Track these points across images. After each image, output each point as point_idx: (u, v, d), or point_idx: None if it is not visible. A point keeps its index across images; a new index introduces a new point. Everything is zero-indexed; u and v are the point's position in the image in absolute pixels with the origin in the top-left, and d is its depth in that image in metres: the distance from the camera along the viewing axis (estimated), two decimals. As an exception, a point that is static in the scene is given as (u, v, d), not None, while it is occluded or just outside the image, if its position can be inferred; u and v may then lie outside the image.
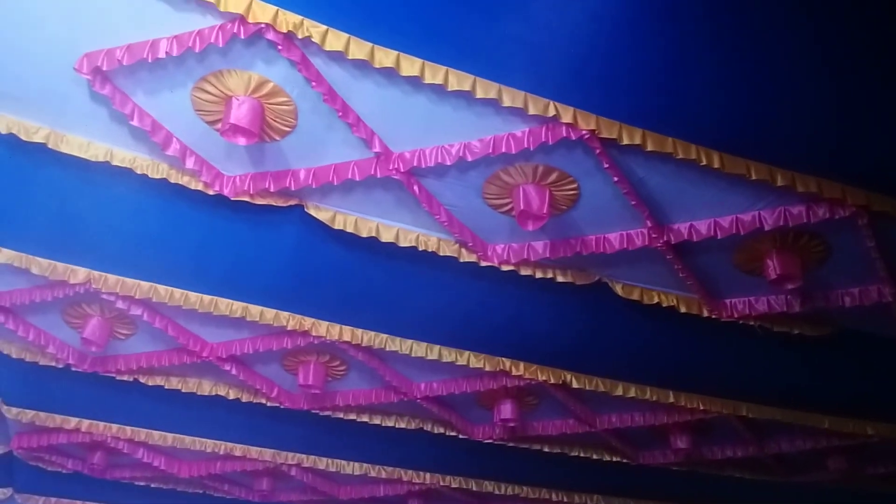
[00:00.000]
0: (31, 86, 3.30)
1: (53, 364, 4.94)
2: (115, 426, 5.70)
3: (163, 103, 3.34)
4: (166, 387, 5.16)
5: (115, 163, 3.54)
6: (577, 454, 5.98)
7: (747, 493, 6.78)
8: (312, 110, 3.30)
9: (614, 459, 6.09)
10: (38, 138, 3.43)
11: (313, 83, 3.09)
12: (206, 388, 5.25)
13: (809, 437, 5.70)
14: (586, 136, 3.22)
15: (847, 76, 3.13)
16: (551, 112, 3.16)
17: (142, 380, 5.09)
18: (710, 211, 3.72)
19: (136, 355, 4.96)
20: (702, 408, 5.19)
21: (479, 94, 3.10)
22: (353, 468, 6.21)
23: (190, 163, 3.55)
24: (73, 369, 4.94)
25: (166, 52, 3.01)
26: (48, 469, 6.42)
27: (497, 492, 6.60)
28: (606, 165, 3.38)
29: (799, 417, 5.35)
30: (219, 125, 3.33)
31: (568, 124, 3.19)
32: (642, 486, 6.73)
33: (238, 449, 5.96)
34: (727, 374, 5.03)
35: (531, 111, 3.15)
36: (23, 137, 3.42)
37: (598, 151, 3.31)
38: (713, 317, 4.36)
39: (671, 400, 5.12)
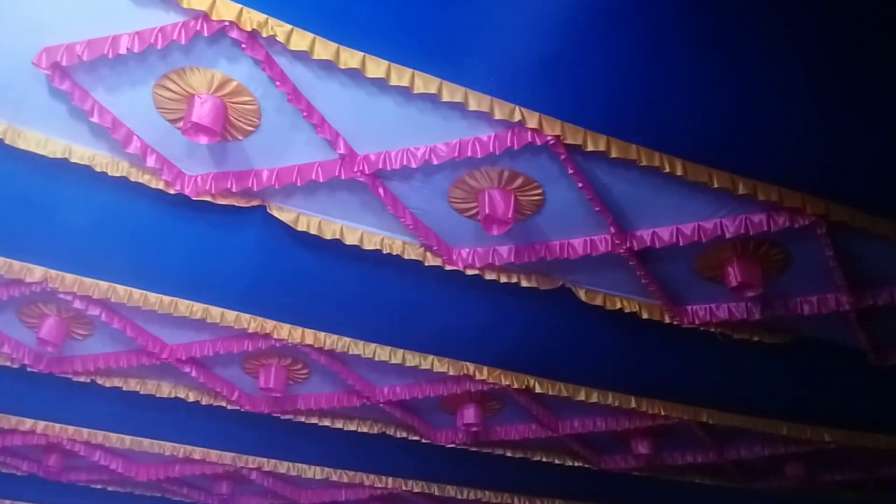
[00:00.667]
0: (-12, 80, 3.23)
1: (8, 364, 4.84)
2: (71, 428, 5.60)
3: (124, 100, 3.28)
4: (124, 388, 5.08)
5: (73, 160, 3.47)
6: (539, 459, 6.02)
7: (707, 499, 6.85)
8: (276, 110, 3.27)
9: (576, 464, 6.13)
10: (-7, 133, 3.36)
11: (277, 83, 3.06)
12: (165, 390, 5.18)
13: (768, 444, 5.78)
14: (551, 142, 3.23)
15: (811, 88, 3.17)
16: (517, 117, 3.16)
17: (99, 381, 5.01)
18: (673, 218, 3.74)
19: (93, 356, 4.88)
20: (663, 413, 5.24)
21: (445, 98, 3.09)
22: (314, 472, 6.18)
23: (151, 161, 3.49)
24: (29, 370, 4.84)
25: (127, 49, 2.95)
26: (2, 471, 6.31)
27: (459, 496, 6.60)
28: (571, 171, 3.39)
29: (758, 424, 5.42)
30: (181, 123, 3.28)
31: (533, 129, 3.19)
32: (604, 491, 6.77)
33: (197, 452, 5.90)
34: (688, 380, 5.08)
35: (497, 115, 3.15)
36: (-22, 133, 3.34)
37: (562, 157, 3.31)
38: (675, 323, 4.40)
39: (633, 405, 5.16)
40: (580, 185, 3.45)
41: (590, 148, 3.24)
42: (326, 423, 5.49)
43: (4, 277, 4.06)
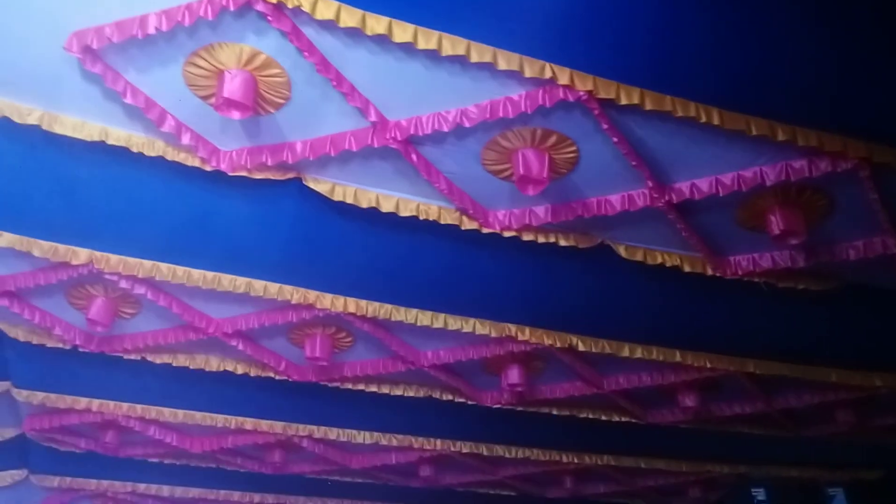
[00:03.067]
0: (22, 67, 3.27)
1: (61, 346, 4.97)
2: (125, 405, 5.75)
3: (155, 80, 3.31)
4: (174, 364, 5.19)
5: (110, 142, 3.52)
6: (585, 416, 6.02)
7: (756, 448, 6.83)
8: (306, 81, 3.27)
9: (623, 420, 6.12)
10: (31, 120, 3.41)
11: (305, 53, 3.05)
12: (214, 364, 5.28)
13: (817, 391, 5.72)
14: (584, 98, 3.19)
15: (845, 26, 3.08)
16: (548, 74, 3.12)
17: (149, 358, 5.12)
18: (712, 168, 3.69)
19: (142, 334, 4.98)
20: (709, 366, 5.20)
21: (474, 59, 3.06)
22: (363, 437, 6.27)
23: (186, 139, 3.52)
24: (81, 350, 4.97)
25: (156, 28, 2.97)
26: (62, 449, 6.50)
27: (508, 455, 6.66)
28: (605, 126, 3.34)
29: (806, 372, 5.36)
30: (212, 100, 3.31)
31: (565, 86, 3.15)
32: (652, 446, 6.78)
33: (249, 423, 6.01)
34: (733, 332, 5.03)
35: (527, 74, 3.11)
36: (16, 120, 3.40)
37: (596, 112, 3.27)
38: (717, 275, 4.35)
39: (678, 359, 5.13)
40: (615, 139, 3.41)
41: (623, 101, 3.19)
42: (373, 388, 5.55)
43: (51, 261, 4.14)
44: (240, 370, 5.32)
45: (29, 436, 6.22)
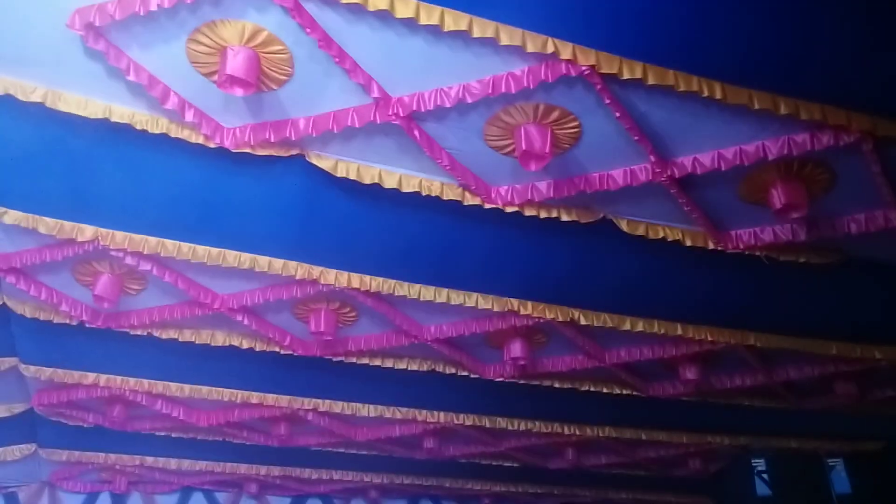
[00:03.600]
0: (25, 45, 3.27)
1: (67, 322, 5.01)
2: (132, 379, 5.82)
3: (158, 57, 3.31)
4: (180, 339, 5.24)
5: (114, 119, 3.53)
6: (587, 389, 6.08)
7: (757, 420, 6.89)
8: (308, 58, 3.27)
9: (624, 392, 6.18)
10: (35, 98, 3.42)
11: (308, 30, 3.05)
12: (220, 338, 5.33)
13: (817, 364, 5.76)
14: (586, 72, 3.19)
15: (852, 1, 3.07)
16: (550, 49, 3.11)
17: (156, 333, 5.17)
18: (714, 143, 3.69)
19: (148, 310, 5.02)
20: (710, 339, 5.24)
21: (477, 34, 3.05)
22: (368, 410, 6.35)
23: (189, 116, 3.53)
24: (88, 326, 5.01)
25: (158, 5, 2.98)
26: (70, 424, 6.58)
27: (510, 428, 6.74)
28: (608, 101, 3.34)
29: (807, 345, 5.40)
30: (215, 77, 3.31)
31: (567, 60, 3.15)
32: (653, 418, 6.84)
33: (255, 397, 6.08)
34: (734, 305, 5.06)
35: (529, 48, 3.11)
36: (20, 98, 3.40)
37: (598, 87, 3.27)
38: (719, 249, 4.37)
39: (679, 332, 5.16)
40: (618, 114, 3.41)
41: (626, 76, 3.19)
42: (377, 362, 5.61)
43: (57, 238, 4.17)
44: (245, 345, 5.36)
45: (37, 411, 6.29)
